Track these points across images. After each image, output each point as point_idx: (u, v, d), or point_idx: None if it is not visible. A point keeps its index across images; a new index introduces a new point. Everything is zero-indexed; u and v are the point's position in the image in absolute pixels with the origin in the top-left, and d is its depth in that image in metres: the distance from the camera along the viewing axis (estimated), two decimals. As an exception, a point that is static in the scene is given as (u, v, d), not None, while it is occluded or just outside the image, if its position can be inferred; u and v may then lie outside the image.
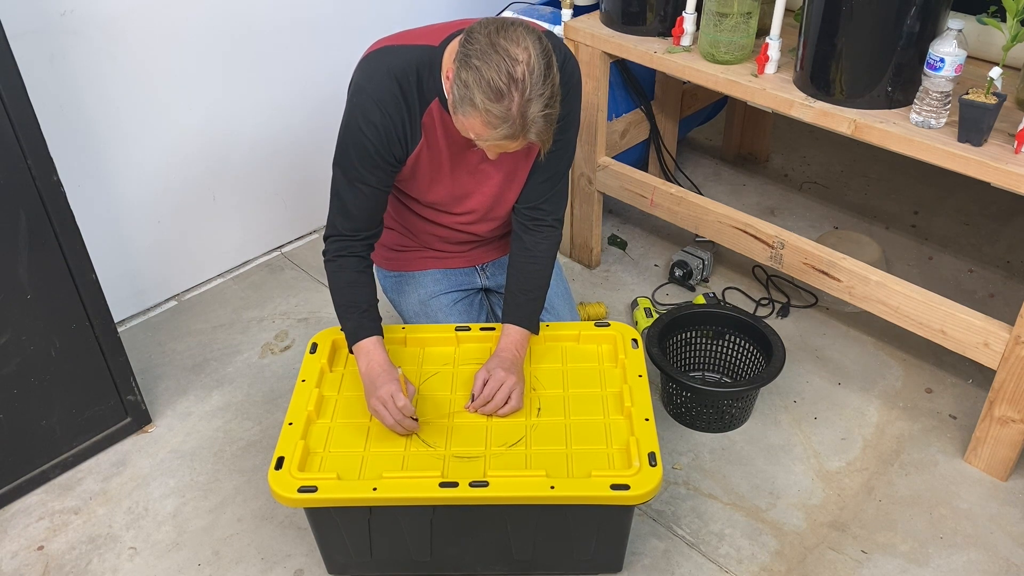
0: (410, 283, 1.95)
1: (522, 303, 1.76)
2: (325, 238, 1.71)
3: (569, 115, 1.66)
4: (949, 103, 1.73)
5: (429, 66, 1.56)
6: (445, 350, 1.81)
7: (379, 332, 1.68)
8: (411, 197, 1.80)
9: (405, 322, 1.98)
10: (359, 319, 1.68)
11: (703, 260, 2.51)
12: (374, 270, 1.92)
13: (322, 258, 1.72)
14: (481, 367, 1.70)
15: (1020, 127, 1.65)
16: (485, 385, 1.66)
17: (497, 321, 2.01)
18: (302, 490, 1.48)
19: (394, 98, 1.56)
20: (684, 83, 2.66)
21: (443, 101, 1.57)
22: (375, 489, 1.49)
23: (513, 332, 1.74)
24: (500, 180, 1.74)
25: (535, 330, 1.78)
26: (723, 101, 3.06)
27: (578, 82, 1.68)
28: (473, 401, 1.67)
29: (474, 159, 1.69)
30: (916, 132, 1.75)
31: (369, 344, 1.66)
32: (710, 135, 3.32)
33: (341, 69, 1.74)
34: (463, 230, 1.85)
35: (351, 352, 1.70)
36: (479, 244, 1.95)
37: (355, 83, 1.60)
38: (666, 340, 2.11)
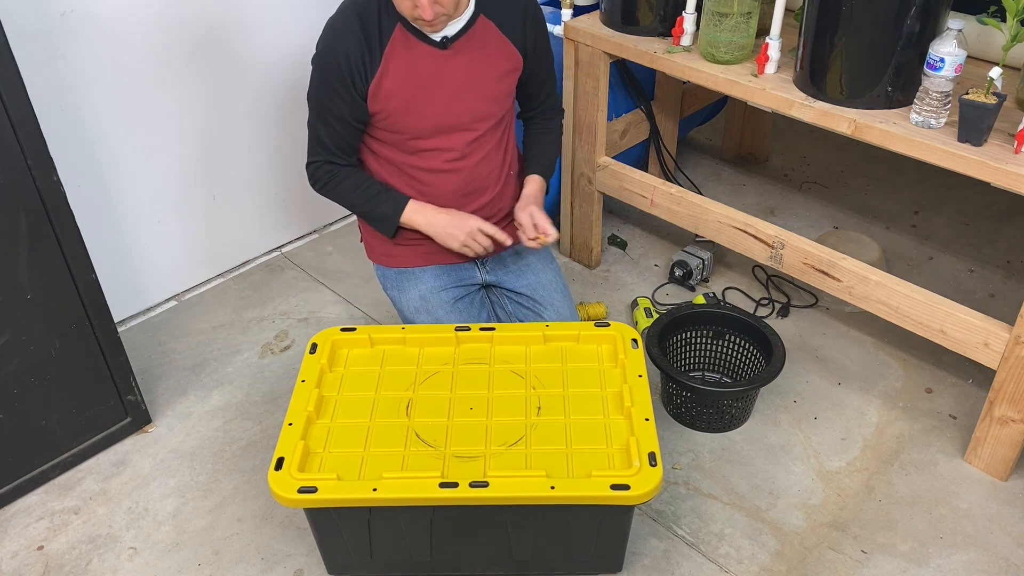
0: (410, 279, 1.96)
1: (541, 159, 1.99)
2: (307, 166, 1.86)
3: (540, 20, 1.88)
4: (949, 103, 1.73)
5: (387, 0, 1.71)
6: (445, 350, 1.81)
7: (409, 197, 1.86)
8: (397, 148, 1.84)
9: (404, 318, 1.98)
10: (388, 196, 1.85)
11: (703, 260, 2.51)
12: (373, 267, 2.01)
13: (313, 187, 1.87)
14: (518, 210, 1.90)
15: (1020, 127, 1.65)
16: (535, 225, 1.88)
17: (498, 321, 2.05)
18: (302, 491, 1.48)
19: (352, 30, 1.70)
20: (684, 83, 2.66)
21: (404, 24, 1.72)
22: (375, 489, 1.48)
23: (536, 180, 1.97)
24: (475, 97, 1.82)
25: (549, 178, 2.01)
26: (723, 101, 3.06)
27: (542, 17, 1.89)
28: (534, 237, 1.87)
29: (450, 86, 1.78)
30: (916, 132, 1.75)
31: (414, 205, 1.85)
32: (710, 135, 3.33)
33: (341, 69, 1.76)
34: (452, 169, 1.87)
35: (399, 228, 1.87)
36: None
37: (325, 26, 1.76)
38: (666, 340, 2.11)
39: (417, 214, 1.86)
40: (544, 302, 1.98)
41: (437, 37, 1.74)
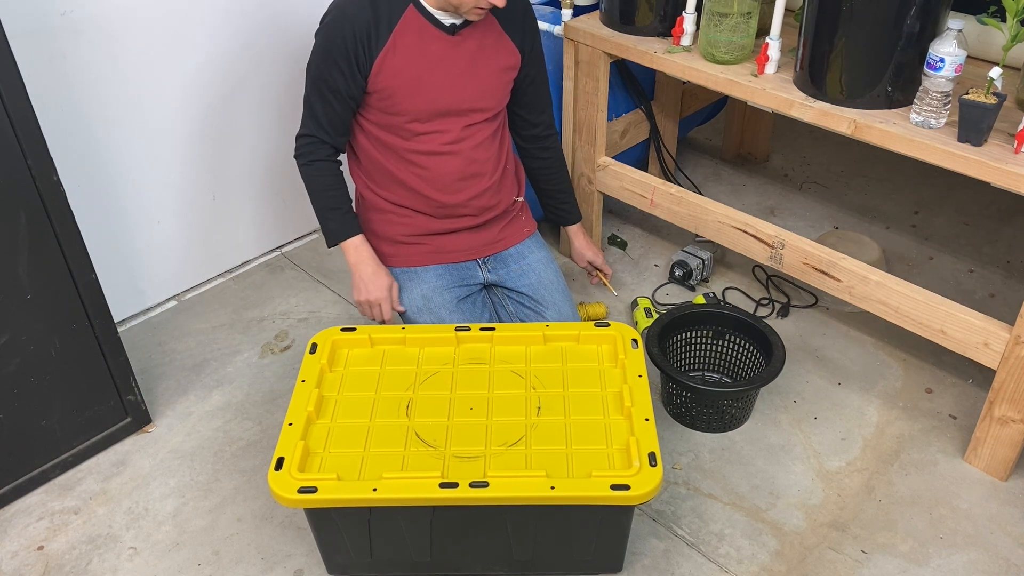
0: (412, 279, 1.97)
1: (567, 205, 2.23)
2: (297, 138, 1.89)
3: (534, 22, 1.95)
4: (949, 103, 1.73)
5: None
6: (445, 350, 1.81)
7: (361, 231, 1.95)
8: (394, 133, 1.86)
9: (406, 318, 1.99)
10: (343, 219, 1.93)
11: (703, 260, 2.51)
12: None
13: (296, 161, 1.91)
14: (579, 261, 2.32)
15: (1020, 127, 1.65)
16: (593, 264, 2.30)
17: (500, 321, 2.07)
18: (302, 491, 1.48)
19: (362, 4, 1.73)
20: (684, 83, 2.66)
21: (417, 6, 1.75)
22: (375, 490, 1.48)
23: (576, 229, 2.28)
24: (476, 85, 1.86)
25: (581, 218, 2.30)
26: (723, 101, 3.06)
27: (536, 21, 1.97)
28: (595, 277, 2.34)
29: (455, 70, 1.80)
30: (916, 132, 1.75)
31: (357, 241, 1.93)
32: (710, 135, 3.33)
33: (341, 69, 1.77)
34: (449, 151, 1.88)
35: (331, 246, 1.95)
36: (477, 227, 1.97)
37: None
38: (666, 340, 2.11)
39: (354, 251, 1.92)
40: (545, 302, 1.99)
41: (447, 22, 1.78)
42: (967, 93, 1.66)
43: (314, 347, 1.79)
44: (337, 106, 1.83)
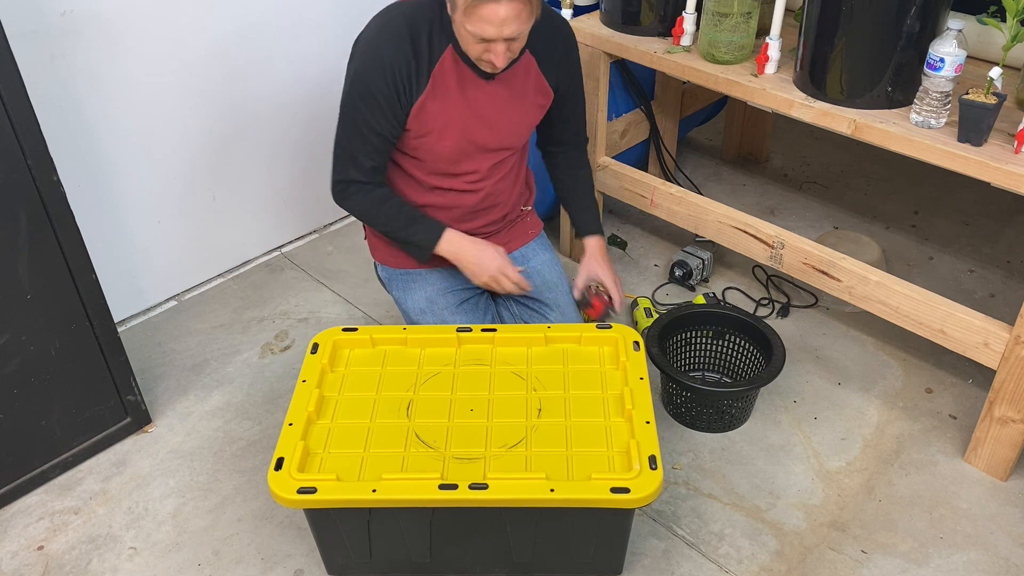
0: (416, 280, 1.97)
1: (590, 215, 2.04)
2: (336, 183, 1.80)
3: (576, 64, 1.88)
4: (949, 103, 1.73)
5: (440, 18, 1.66)
6: (446, 351, 1.81)
7: (445, 225, 1.84)
8: (419, 167, 1.82)
9: (409, 319, 1.99)
10: (426, 226, 1.83)
11: (703, 260, 2.51)
12: (375, 266, 2.03)
13: (340, 204, 1.82)
14: (593, 271, 1.98)
15: (1020, 127, 1.65)
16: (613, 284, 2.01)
17: (503, 322, 2.07)
18: (301, 491, 1.48)
19: (402, 43, 1.66)
20: (684, 83, 2.66)
21: (456, 47, 1.67)
22: (374, 491, 1.48)
23: (594, 241, 2.01)
24: (508, 126, 1.81)
25: (603, 232, 2.05)
26: (723, 101, 3.06)
27: (574, 40, 1.87)
28: (613, 300, 1.99)
29: (488, 114, 1.76)
30: (916, 132, 1.75)
31: (451, 234, 1.83)
32: (710, 135, 3.32)
33: (342, 69, 1.76)
34: (472, 189, 1.86)
35: (431, 256, 1.85)
36: (486, 234, 1.96)
37: (366, 32, 1.70)
38: (666, 340, 2.11)
39: (447, 243, 1.84)
40: (549, 303, 1.99)
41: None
42: (967, 93, 1.66)
43: (315, 347, 1.79)
44: (380, 145, 1.75)
